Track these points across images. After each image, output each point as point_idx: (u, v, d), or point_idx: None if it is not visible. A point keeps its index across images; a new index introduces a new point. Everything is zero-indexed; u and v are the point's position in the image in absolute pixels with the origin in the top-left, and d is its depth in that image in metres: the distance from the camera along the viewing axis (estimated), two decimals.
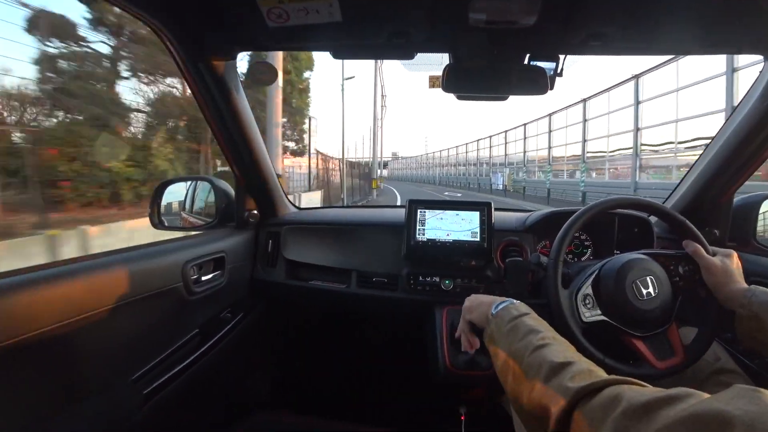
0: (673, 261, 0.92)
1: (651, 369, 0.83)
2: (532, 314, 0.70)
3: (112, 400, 0.86)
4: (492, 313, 0.73)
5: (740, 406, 0.31)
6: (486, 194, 20.93)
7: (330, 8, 0.79)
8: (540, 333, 0.62)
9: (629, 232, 1.26)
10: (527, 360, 0.57)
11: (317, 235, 1.44)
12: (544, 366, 0.54)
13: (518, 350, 0.61)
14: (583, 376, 0.50)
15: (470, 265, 1.27)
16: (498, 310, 0.73)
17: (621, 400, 0.41)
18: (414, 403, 1.66)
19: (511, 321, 0.68)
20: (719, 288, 0.83)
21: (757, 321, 0.73)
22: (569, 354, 0.56)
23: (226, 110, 1.12)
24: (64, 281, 0.75)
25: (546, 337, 0.61)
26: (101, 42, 9.34)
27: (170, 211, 1.43)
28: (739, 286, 0.80)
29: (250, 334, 1.42)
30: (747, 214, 1.20)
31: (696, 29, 0.86)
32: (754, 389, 0.33)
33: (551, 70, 0.99)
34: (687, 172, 1.29)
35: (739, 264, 0.86)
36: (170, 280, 1.00)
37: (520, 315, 0.69)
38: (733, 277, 0.82)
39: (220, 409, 1.39)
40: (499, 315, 0.72)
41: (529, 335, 0.62)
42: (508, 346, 0.64)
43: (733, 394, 0.34)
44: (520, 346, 0.61)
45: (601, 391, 0.45)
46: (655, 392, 0.40)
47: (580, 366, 0.52)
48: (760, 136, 1.04)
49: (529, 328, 0.64)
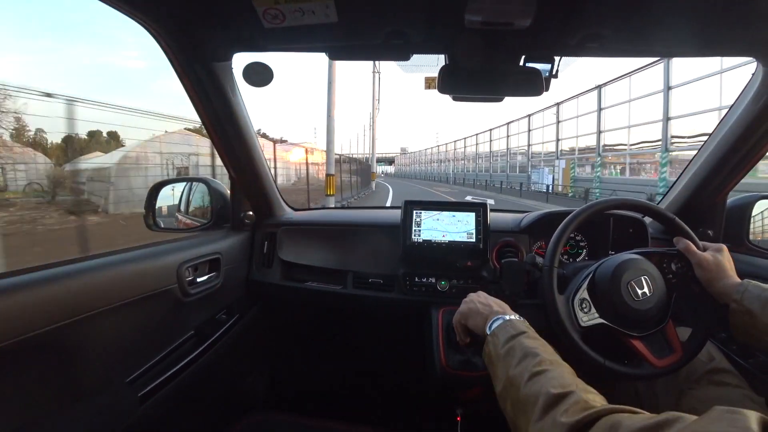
0: (666, 259, 0.93)
1: (651, 368, 0.84)
2: (529, 333, 0.69)
3: (107, 403, 0.85)
4: (488, 330, 0.73)
5: (721, 429, 0.31)
6: (536, 202, 14.48)
7: (326, 9, 0.79)
8: (537, 357, 0.62)
9: (624, 232, 1.27)
10: (524, 390, 0.57)
11: (313, 236, 1.44)
12: (540, 398, 0.54)
13: (515, 377, 0.60)
14: (578, 408, 0.50)
15: (466, 265, 1.27)
16: (494, 329, 0.72)
17: (617, 430, 0.42)
18: (410, 404, 1.66)
19: (507, 342, 0.67)
20: (712, 283, 0.84)
21: (750, 316, 0.74)
22: (567, 380, 0.56)
23: (222, 112, 1.11)
24: (59, 283, 0.74)
25: (543, 361, 0.60)
26: None
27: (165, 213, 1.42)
28: (732, 280, 0.82)
29: (246, 335, 1.41)
30: (740, 214, 1.21)
31: (690, 32, 0.87)
32: (734, 411, 0.34)
33: (547, 72, 1.00)
34: (681, 173, 1.30)
35: (730, 258, 0.87)
36: (165, 282, 0.99)
37: (517, 334, 0.68)
38: (725, 272, 0.84)
39: (216, 410, 1.39)
40: (495, 334, 0.71)
41: (526, 359, 0.62)
42: (505, 371, 0.63)
43: (714, 416, 0.34)
44: (516, 372, 0.61)
45: (595, 423, 0.45)
46: (646, 419, 0.41)
47: (576, 397, 0.52)
48: (752, 137, 1.05)
49: (525, 350, 0.64)
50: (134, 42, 47.55)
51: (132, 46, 34.34)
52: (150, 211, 1.28)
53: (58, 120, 6.26)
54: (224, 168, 1.32)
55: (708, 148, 1.17)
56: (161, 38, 0.92)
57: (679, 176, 1.31)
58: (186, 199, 1.55)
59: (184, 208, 1.55)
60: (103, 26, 35.05)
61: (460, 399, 1.27)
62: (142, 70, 36.40)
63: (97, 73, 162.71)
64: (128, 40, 34.09)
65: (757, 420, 0.31)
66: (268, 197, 1.44)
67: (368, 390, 1.76)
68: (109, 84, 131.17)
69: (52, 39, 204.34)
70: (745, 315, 0.75)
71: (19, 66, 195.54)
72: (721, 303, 0.83)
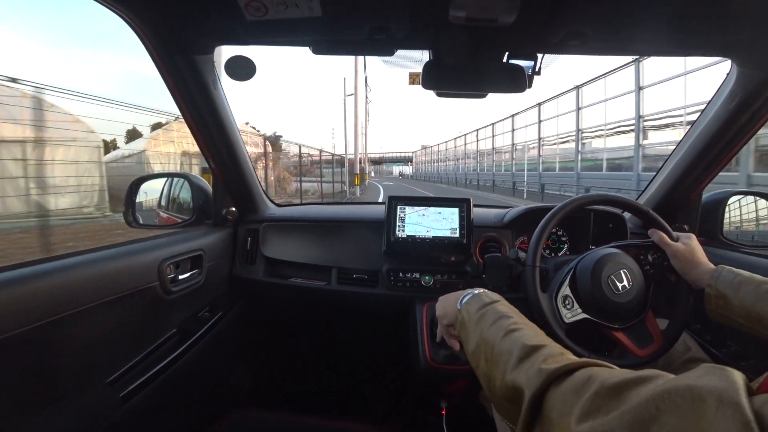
0: (642, 251, 0.96)
1: (634, 358, 0.87)
2: (502, 301, 0.71)
3: (87, 403, 0.83)
4: (459, 306, 0.74)
5: (709, 382, 0.32)
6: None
7: (309, 3, 0.78)
8: (511, 318, 0.63)
9: (604, 227, 1.30)
10: (499, 345, 0.58)
11: (297, 231, 1.43)
12: (515, 349, 0.54)
13: (489, 335, 0.61)
14: (556, 358, 0.50)
15: (450, 261, 1.28)
16: (466, 300, 0.74)
17: (593, 381, 0.42)
18: (395, 398, 1.67)
19: (481, 309, 0.68)
20: (687, 270, 0.89)
21: (724, 299, 0.79)
22: (541, 338, 0.57)
23: (203, 106, 1.09)
24: (36, 282, 0.72)
25: (517, 322, 0.62)
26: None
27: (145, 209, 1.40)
28: (707, 266, 0.86)
29: (230, 332, 1.40)
30: (714, 210, 1.25)
31: (668, 32, 0.89)
32: (721, 367, 0.35)
33: (530, 69, 1.01)
34: (658, 170, 1.33)
35: (699, 245, 0.92)
36: (146, 279, 0.97)
37: (491, 302, 0.69)
38: (698, 259, 0.89)
39: (199, 408, 1.37)
40: (468, 303, 0.72)
41: (499, 320, 0.63)
42: (479, 333, 0.64)
43: (702, 372, 0.35)
44: (491, 331, 0.62)
45: (573, 372, 0.46)
46: (626, 373, 0.41)
47: (552, 349, 0.53)
48: (726, 135, 1.08)
49: (499, 314, 0.65)
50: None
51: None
52: (130, 208, 1.25)
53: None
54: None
55: (684, 146, 1.20)
56: (139, 29, 0.89)
57: (656, 173, 1.34)
58: (167, 195, 1.53)
59: (165, 204, 1.52)
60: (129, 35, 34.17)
61: (444, 392, 1.28)
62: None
63: (126, 80, 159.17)
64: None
65: (741, 377, 0.33)
66: (250, 193, 1.42)
67: (353, 385, 1.77)
68: (138, 90, 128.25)
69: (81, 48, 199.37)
70: (720, 298, 0.80)
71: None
72: (696, 289, 0.88)
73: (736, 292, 0.77)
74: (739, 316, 0.77)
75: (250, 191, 1.42)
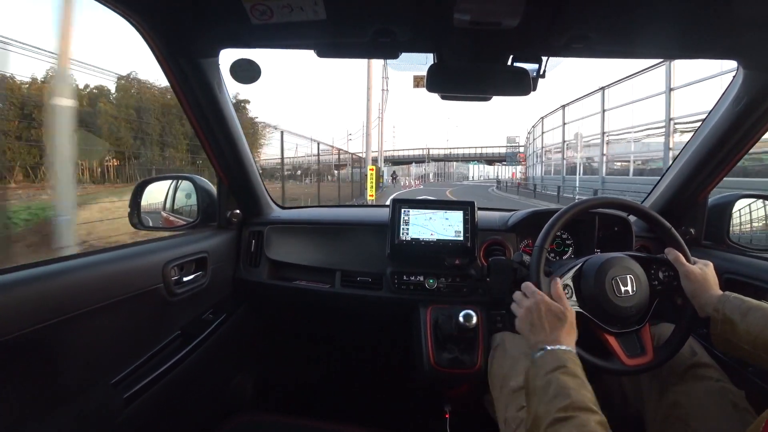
0: (654, 264, 0.95)
1: (620, 365, 0.86)
2: (568, 367, 0.68)
3: (91, 405, 0.83)
4: (533, 357, 0.73)
5: None
6: None
7: (314, 6, 0.79)
8: (567, 400, 0.61)
9: (610, 231, 1.29)
10: (544, 429, 0.59)
11: (301, 234, 1.43)
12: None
13: (541, 416, 0.62)
14: None
15: (454, 264, 1.28)
16: (538, 356, 0.72)
17: None
18: (399, 402, 1.67)
19: (547, 374, 0.67)
20: (696, 294, 0.87)
21: (731, 324, 0.78)
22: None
23: (208, 109, 1.10)
24: (42, 283, 0.72)
25: (569, 407, 0.60)
26: None
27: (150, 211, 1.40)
28: (715, 293, 0.85)
29: (233, 335, 1.40)
30: (721, 213, 1.24)
31: (674, 35, 0.88)
32: None
33: (534, 72, 1.01)
34: (664, 173, 1.32)
35: (715, 275, 0.90)
36: (151, 281, 0.98)
37: (557, 368, 0.68)
38: (710, 285, 0.87)
39: (203, 411, 1.37)
40: (539, 361, 0.71)
41: (555, 399, 0.62)
42: (536, 405, 0.64)
43: None
44: (542, 410, 0.62)
45: None
46: None
47: None
48: (733, 138, 1.08)
49: (558, 389, 0.64)
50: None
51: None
52: (135, 210, 1.26)
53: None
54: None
55: (690, 149, 1.19)
56: (145, 32, 0.90)
57: (662, 175, 1.34)
58: (172, 198, 1.53)
59: (170, 207, 1.53)
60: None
61: (448, 396, 1.28)
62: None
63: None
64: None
65: None
66: (255, 195, 1.42)
67: (356, 389, 1.76)
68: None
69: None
70: (726, 324, 0.78)
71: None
72: (702, 317, 0.86)
73: (744, 318, 0.76)
74: (744, 342, 0.76)
75: (254, 193, 1.42)
